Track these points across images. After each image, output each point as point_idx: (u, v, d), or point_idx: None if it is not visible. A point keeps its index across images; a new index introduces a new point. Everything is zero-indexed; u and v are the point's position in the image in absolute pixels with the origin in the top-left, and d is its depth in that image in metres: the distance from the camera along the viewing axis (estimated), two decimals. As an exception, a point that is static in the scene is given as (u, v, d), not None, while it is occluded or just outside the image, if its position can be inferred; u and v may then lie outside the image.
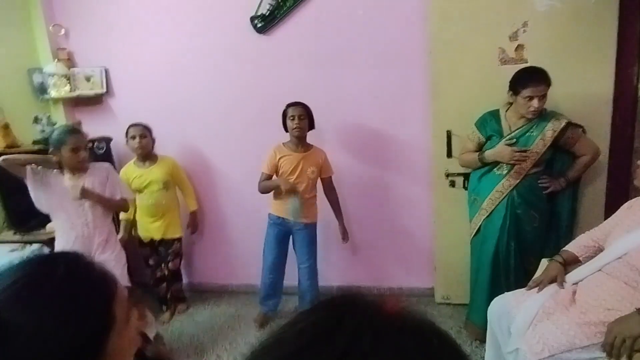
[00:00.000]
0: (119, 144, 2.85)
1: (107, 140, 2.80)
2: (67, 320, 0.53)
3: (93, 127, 2.85)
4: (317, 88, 2.59)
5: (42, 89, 2.79)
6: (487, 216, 2.14)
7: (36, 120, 2.51)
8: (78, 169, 2.01)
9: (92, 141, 2.71)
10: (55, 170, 1.98)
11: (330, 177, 2.46)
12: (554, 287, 1.58)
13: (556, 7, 2.17)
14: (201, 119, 2.78)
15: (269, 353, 0.35)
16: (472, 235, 2.28)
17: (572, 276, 1.60)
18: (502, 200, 2.08)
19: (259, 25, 2.56)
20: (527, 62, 2.23)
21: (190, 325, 2.67)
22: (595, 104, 2.21)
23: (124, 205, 2.23)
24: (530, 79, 1.93)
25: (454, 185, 2.48)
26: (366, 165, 2.68)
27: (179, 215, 2.71)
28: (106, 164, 2.18)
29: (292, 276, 2.58)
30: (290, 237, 2.47)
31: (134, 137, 2.48)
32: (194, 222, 2.77)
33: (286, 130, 2.34)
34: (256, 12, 2.54)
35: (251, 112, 2.71)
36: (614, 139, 2.24)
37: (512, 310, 1.60)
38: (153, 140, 2.56)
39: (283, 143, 2.38)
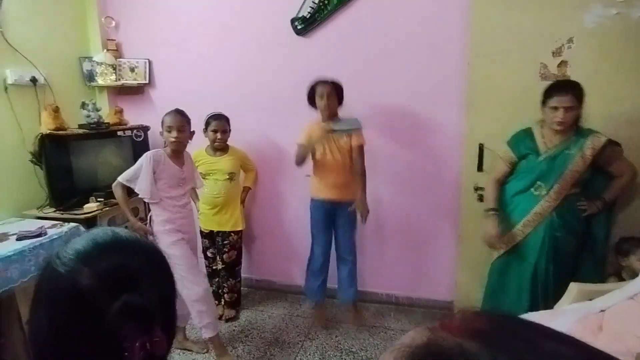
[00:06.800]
0: (156, 132, 2.96)
1: (145, 128, 2.91)
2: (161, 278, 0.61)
3: (133, 115, 2.99)
4: (352, 92, 2.60)
5: (90, 77, 2.95)
6: (524, 238, 2.04)
7: (83, 105, 2.65)
8: (176, 151, 2.17)
9: (131, 129, 2.84)
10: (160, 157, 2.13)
11: (362, 145, 2.34)
12: (581, 311, 1.53)
13: (605, 25, 2.10)
14: (237, 117, 2.83)
15: None
16: (497, 256, 2.18)
17: (599, 302, 1.54)
18: (542, 222, 1.98)
19: (299, 27, 2.62)
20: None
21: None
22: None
23: None
24: (556, 89, 1.89)
25: (482, 200, 2.43)
26: (394, 172, 2.68)
27: (241, 209, 2.69)
28: (186, 152, 2.28)
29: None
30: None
31: (215, 131, 2.49)
32: (244, 197, 2.75)
33: (314, 106, 2.33)
34: (297, 14, 2.60)
35: (287, 112, 2.76)
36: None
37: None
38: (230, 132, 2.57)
39: (316, 122, 2.36)
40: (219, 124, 2.51)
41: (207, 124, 2.52)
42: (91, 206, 2.48)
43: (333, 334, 2.52)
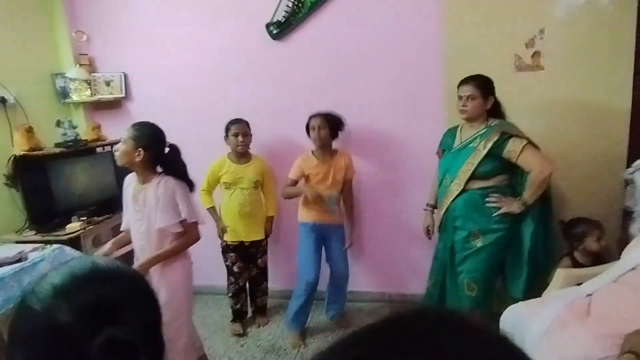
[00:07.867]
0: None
1: (125, 143, 2.86)
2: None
3: (112, 130, 2.92)
4: (331, 94, 2.61)
5: (64, 93, 2.88)
6: (439, 231, 2.15)
7: (58, 123, 2.58)
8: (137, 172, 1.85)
9: (111, 144, 2.78)
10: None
11: (351, 179, 2.51)
12: (569, 297, 1.56)
13: (574, 14, 2.15)
14: (216, 124, 2.80)
15: (358, 349, 0.32)
16: None
17: (586, 287, 1.58)
18: (446, 210, 2.05)
19: (275, 31, 2.60)
20: (543, 69, 2.22)
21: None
22: (613, 113, 2.17)
23: (188, 238, 1.83)
24: (461, 82, 2.00)
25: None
26: (379, 171, 2.68)
27: (265, 216, 2.64)
28: (180, 184, 1.83)
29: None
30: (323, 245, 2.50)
31: (236, 135, 2.43)
32: (270, 227, 2.66)
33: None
34: (272, 18, 2.58)
35: (267, 117, 2.74)
36: (631, 151, 2.18)
37: (526, 320, 1.59)
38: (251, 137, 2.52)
39: (312, 151, 2.43)
40: (239, 126, 2.46)
41: (227, 129, 2.47)
42: (74, 226, 2.42)
43: (329, 338, 2.52)
